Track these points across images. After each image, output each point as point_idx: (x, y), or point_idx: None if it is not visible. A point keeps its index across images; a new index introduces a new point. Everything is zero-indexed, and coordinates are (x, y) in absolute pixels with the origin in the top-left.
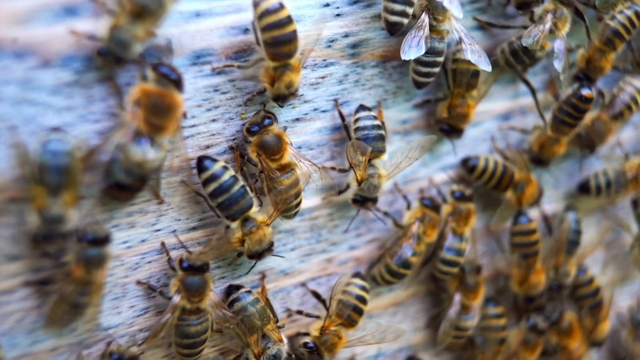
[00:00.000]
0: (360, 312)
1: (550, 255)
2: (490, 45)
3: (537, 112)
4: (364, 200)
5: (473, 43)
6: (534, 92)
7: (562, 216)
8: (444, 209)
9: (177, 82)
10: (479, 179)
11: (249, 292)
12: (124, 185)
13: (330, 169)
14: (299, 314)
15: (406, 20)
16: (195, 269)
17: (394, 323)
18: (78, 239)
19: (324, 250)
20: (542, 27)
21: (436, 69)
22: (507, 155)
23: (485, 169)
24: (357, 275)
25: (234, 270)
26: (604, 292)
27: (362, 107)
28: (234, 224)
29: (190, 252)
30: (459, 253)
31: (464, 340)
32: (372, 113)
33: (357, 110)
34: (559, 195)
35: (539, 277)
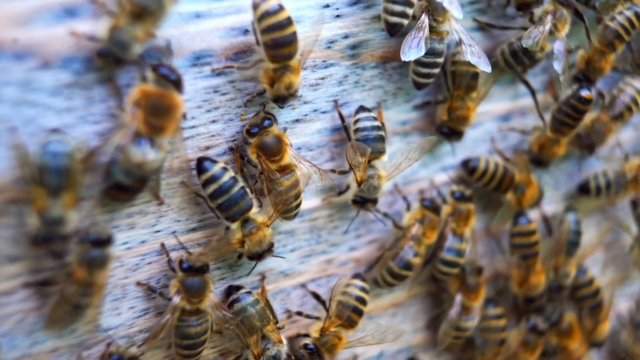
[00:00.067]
0: (360, 313)
1: (550, 256)
2: (490, 46)
3: (536, 113)
4: (364, 201)
5: (473, 44)
6: (533, 93)
7: (562, 217)
8: (444, 210)
9: (177, 83)
10: (479, 181)
11: (248, 293)
12: (124, 186)
13: (329, 171)
14: (299, 315)
15: (406, 21)
16: (195, 270)
17: (394, 324)
18: (81, 240)
19: (324, 251)
20: (542, 29)
21: (436, 70)
22: (507, 156)
23: (486, 170)
24: (356, 277)
25: (233, 271)
26: (604, 293)
27: (362, 108)
28: (233, 225)
29: (190, 253)
30: (459, 254)
31: (462, 340)
32: (372, 114)
33: (357, 111)
34: (558, 196)
35: (538, 278)
